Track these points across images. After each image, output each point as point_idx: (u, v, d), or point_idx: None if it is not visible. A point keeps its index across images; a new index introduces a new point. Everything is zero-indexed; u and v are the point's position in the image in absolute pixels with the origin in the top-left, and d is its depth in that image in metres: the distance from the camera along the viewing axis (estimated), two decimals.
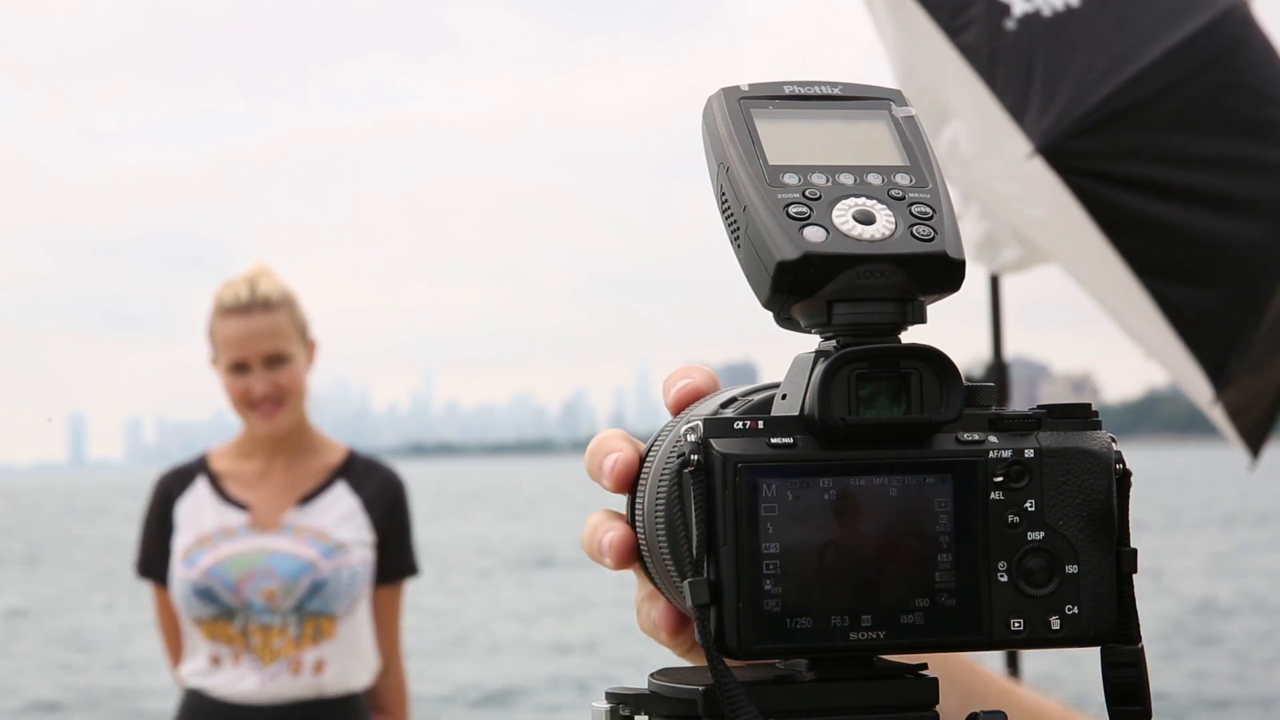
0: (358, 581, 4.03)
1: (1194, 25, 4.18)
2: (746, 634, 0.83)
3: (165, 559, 4.07)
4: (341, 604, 4.00)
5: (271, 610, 3.97)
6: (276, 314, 4.02)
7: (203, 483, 4.13)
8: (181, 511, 4.09)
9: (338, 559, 4.02)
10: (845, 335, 0.85)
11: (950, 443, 0.85)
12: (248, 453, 4.15)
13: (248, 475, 4.13)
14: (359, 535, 4.06)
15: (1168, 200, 4.19)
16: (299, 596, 3.98)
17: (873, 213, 0.84)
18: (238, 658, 3.97)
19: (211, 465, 4.17)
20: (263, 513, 4.07)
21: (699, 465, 0.83)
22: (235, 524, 4.05)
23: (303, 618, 3.98)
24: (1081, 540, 0.86)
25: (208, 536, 4.04)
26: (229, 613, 3.97)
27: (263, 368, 4.02)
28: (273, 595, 3.97)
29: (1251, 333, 4.20)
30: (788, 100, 0.90)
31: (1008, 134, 4.16)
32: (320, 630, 3.99)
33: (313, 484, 4.11)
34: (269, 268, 4.13)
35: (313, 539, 4.03)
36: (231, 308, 4.01)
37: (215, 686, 3.98)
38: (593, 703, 0.93)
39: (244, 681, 3.96)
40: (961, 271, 0.84)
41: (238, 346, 4.00)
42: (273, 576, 3.97)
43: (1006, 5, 4.21)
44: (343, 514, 4.08)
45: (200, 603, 3.97)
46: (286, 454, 4.13)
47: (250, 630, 3.97)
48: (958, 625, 0.85)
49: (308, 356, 4.14)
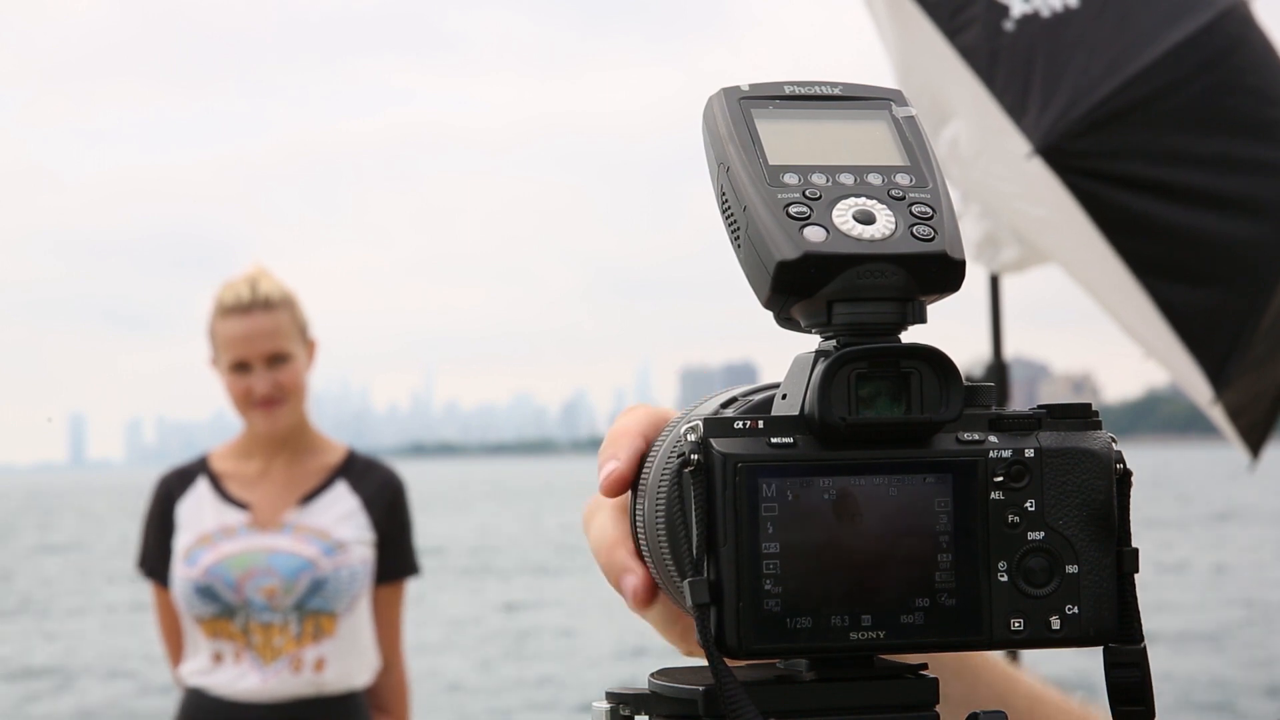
0: (358, 580, 4.04)
1: (1194, 25, 4.18)
2: (746, 634, 0.83)
3: (166, 559, 4.08)
4: (342, 602, 4.01)
5: (272, 608, 3.98)
6: (277, 313, 4.03)
7: (203, 483, 4.14)
8: (182, 511, 4.10)
9: (338, 557, 4.03)
10: (845, 335, 0.84)
11: (950, 443, 0.85)
12: (248, 453, 4.17)
13: (248, 475, 4.14)
14: (359, 534, 4.07)
15: (1167, 200, 4.19)
16: (299, 595, 3.98)
17: (873, 212, 0.83)
18: (239, 656, 3.98)
19: (212, 465, 4.18)
20: (263, 512, 4.08)
21: (699, 465, 0.83)
22: (236, 523, 4.06)
23: (303, 616, 3.99)
24: (1082, 540, 0.86)
25: (208, 536, 4.04)
26: (230, 611, 3.98)
27: (264, 367, 4.03)
28: (273, 593, 3.98)
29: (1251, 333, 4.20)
30: (788, 100, 0.90)
31: (1007, 134, 4.16)
32: (321, 628, 4.00)
33: (313, 483, 4.13)
34: (268, 268, 4.15)
35: (313, 538, 4.04)
36: (233, 307, 4.02)
37: (216, 685, 3.99)
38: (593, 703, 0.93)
39: (245, 680, 3.97)
40: (962, 271, 0.84)
41: (239, 346, 4.01)
42: (273, 575, 3.98)
43: (1006, 5, 4.21)
44: (343, 513, 4.09)
45: (201, 601, 3.98)
46: (287, 454, 4.15)
47: (251, 628, 3.98)
48: (958, 625, 0.85)
49: (308, 356, 4.15)
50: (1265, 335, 4.22)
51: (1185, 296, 4.21)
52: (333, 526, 4.06)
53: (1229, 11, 4.25)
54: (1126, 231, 4.17)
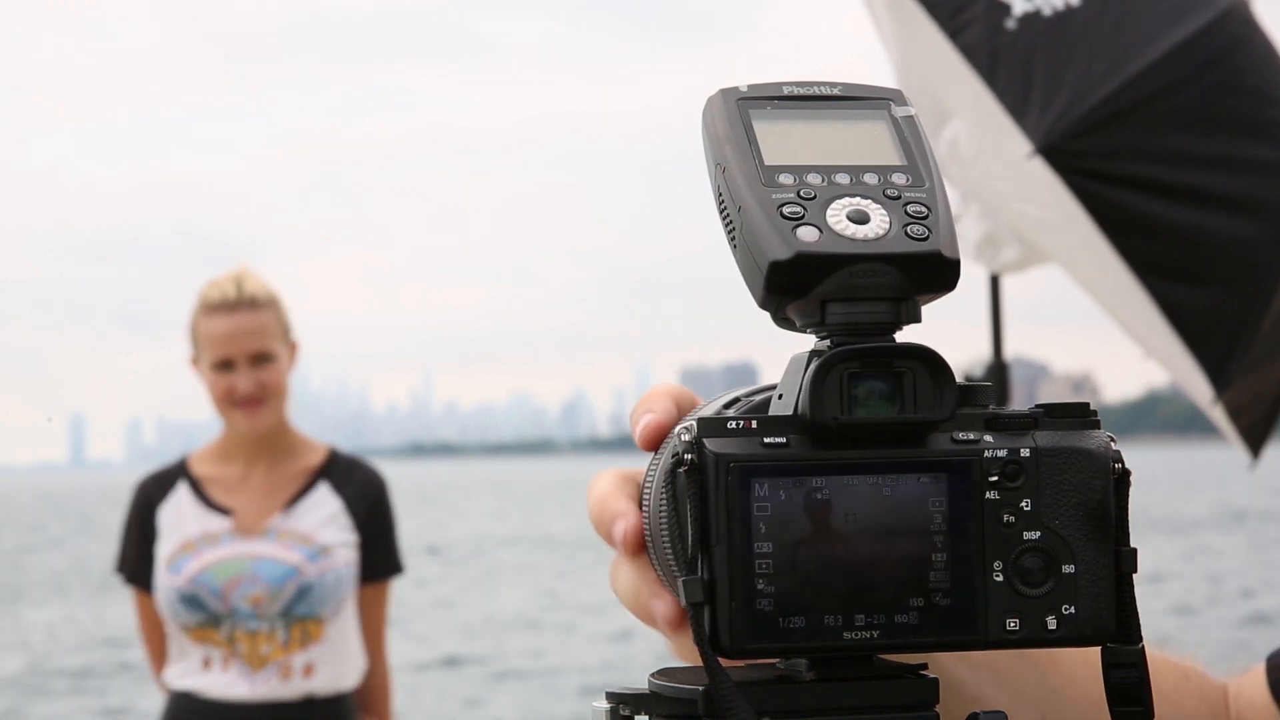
0: (343, 584, 4.02)
1: (1194, 25, 4.18)
2: (740, 633, 0.83)
3: (148, 565, 4.05)
4: (328, 607, 3.99)
5: (258, 616, 3.95)
6: (262, 313, 4.01)
7: (184, 488, 4.10)
8: (163, 517, 4.07)
9: (322, 562, 4.00)
10: (839, 335, 0.85)
11: (945, 442, 0.85)
12: (228, 455, 4.13)
13: (229, 479, 4.11)
14: (342, 536, 4.05)
15: (1168, 200, 4.18)
16: (285, 602, 3.96)
17: (867, 212, 0.83)
18: (226, 663, 3.96)
19: (192, 470, 4.14)
20: (246, 517, 4.05)
21: (693, 464, 0.83)
22: (219, 529, 4.03)
23: (290, 622, 3.97)
24: (1079, 540, 0.86)
25: (191, 543, 4.02)
26: (215, 620, 3.95)
27: (248, 365, 4.00)
28: (259, 601, 3.95)
29: (1252, 332, 4.20)
30: (785, 101, 0.90)
31: (1008, 134, 4.16)
32: (308, 634, 3.98)
33: (295, 487, 4.09)
34: (252, 268, 4.13)
35: (297, 543, 4.01)
36: (218, 305, 3.99)
37: (206, 688, 3.97)
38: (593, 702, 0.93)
39: (234, 688, 3.95)
40: (956, 271, 0.84)
41: (223, 344, 3.98)
42: (258, 582, 3.96)
43: (1007, 5, 4.21)
44: (325, 516, 4.07)
45: (186, 610, 3.96)
46: (268, 456, 4.11)
47: (237, 637, 3.95)
48: (953, 625, 0.84)
49: (290, 357, 4.12)
50: (1266, 335, 4.22)
51: (1185, 296, 4.21)
52: (316, 531, 4.04)
53: (1229, 11, 4.25)
54: (1127, 231, 4.16)
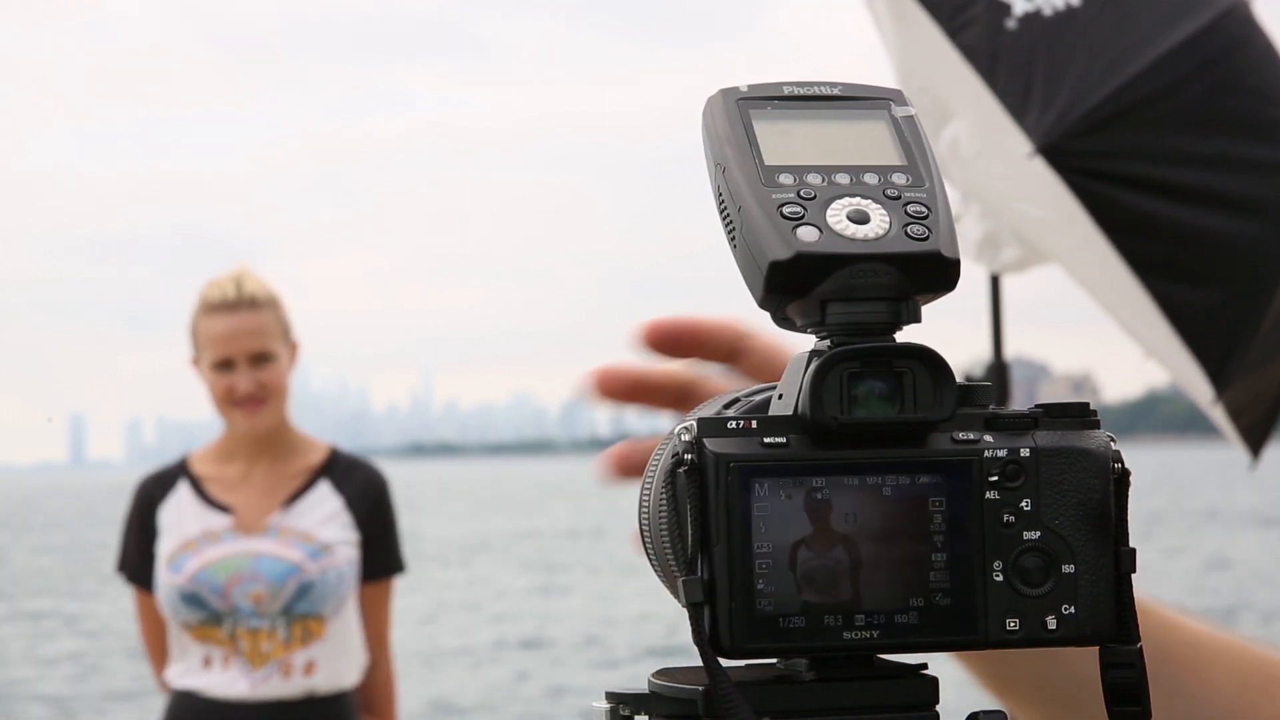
0: (344, 582, 4.03)
1: (1194, 25, 4.18)
2: (739, 633, 0.83)
3: (149, 564, 4.06)
4: (329, 605, 4.00)
5: (259, 614, 3.96)
6: (262, 312, 4.02)
7: (184, 486, 4.11)
8: (164, 516, 4.07)
9: (324, 560, 4.01)
10: (839, 335, 0.85)
11: (945, 442, 0.85)
12: (229, 455, 4.14)
13: (230, 478, 4.11)
14: (343, 535, 4.06)
15: (1168, 200, 4.19)
16: (286, 599, 3.97)
17: (867, 212, 0.83)
18: (227, 661, 3.97)
19: (193, 469, 4.15)
20: (246, 515, 4.06)
21: (692, 464, 0.83)
22: (219, 527, 4.04)
23: (291, 620, 3.97)
24: (1078, 540, 0.86)
25: (192, 541, 4.02)
26: (216, 618, 3.96)
27: (248, 365, 4.01)
28: (260, 599, 3.96)
29: (1252, 332, 4.20)
30: (786, 100, 0.90)
31: (1008, 133, 4.16)
32: (309, 632, 3.98)
33: (296, 485, 4.10)
34: (252, 268, 4.14)
35: (298, 541, 4.02)
36: (218, 305, 4.00)
37: (207, 686, 3.98)
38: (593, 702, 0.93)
39: (234, 686, 3.95)
40: (956, 270, 0.84)
41: (224, 343, 3.99)
42: (259, 580, 3.96)
43: (1007, 5, 4.21)
44: (326, 514, 4.07)
45: (188, 608, 3.96)
46: (268, 455, 4.12)
47: (238, 634, 3.96)
48: (953, 625, 0.84)
49: (290, 357, 4.13)
50: (1266, 335, 4.23)
51: (1186, 296, 4.21)
52: (317, 528, 4.04)
53: (1230, 12, 4.26)
54: (1127, 231, 4.17)
